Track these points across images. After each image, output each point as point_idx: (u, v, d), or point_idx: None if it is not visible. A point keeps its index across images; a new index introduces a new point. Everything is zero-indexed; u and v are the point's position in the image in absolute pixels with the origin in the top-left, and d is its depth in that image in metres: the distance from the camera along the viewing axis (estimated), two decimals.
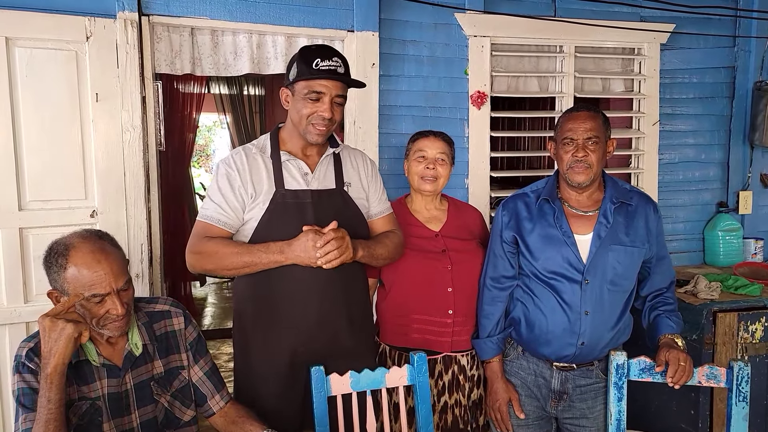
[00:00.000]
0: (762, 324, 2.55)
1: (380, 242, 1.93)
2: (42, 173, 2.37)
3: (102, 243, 1.51)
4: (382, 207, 2.03)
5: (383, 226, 2.01)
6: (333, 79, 1.76)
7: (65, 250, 1.47)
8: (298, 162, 1.86)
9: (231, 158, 1.84)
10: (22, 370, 1.47)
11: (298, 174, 1.86)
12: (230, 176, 1.81)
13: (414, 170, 2.13)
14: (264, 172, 1.83)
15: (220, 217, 1.79)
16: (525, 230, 1.98)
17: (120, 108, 2.42)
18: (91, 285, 1.45)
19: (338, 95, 1.79)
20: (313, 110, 1.77)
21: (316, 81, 1.75)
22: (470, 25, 2.88)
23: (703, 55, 3.22)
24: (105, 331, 1.52)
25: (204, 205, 1.83)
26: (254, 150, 1.87)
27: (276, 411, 1.83)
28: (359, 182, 1.96)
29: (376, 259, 1.92)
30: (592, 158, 1.88)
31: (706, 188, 3.31)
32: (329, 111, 1.77)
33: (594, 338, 1.92)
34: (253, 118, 7.58)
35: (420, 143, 2.14)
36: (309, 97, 1.76)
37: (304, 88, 1.77)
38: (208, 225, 1.79)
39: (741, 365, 1.83)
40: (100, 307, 1.48)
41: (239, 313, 1.93)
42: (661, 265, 2.04)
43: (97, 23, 2.37)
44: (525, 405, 2.03)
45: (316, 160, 1.89)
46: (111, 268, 1.47)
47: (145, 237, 2.50)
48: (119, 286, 1.49)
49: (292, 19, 2.64)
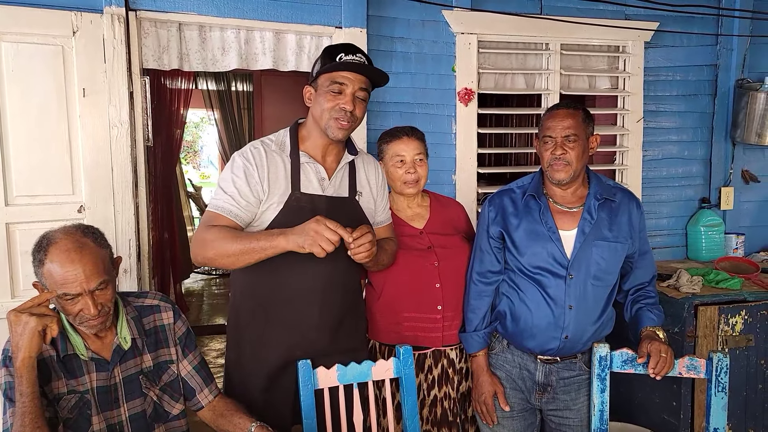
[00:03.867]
0: (742, 317, 2.60)
1: (383, 249, 1.94)
2: (29, 168, 2.37)
3: (83, 241, 1.49)
4: (385, 216, 2.05)
5: (384, 235, 2.03)
6: (355, 71, 1.76)
7: (46, 245, 1.46)
8: (316, 166, 1.84)
9: (249, 152, 1.79)
10: (8, 364, 1.47)
11: (315, 178, 1.84)
12: (247, 170, 1.76)
13: (395, 175, 2.11)
14: (282, 171, 1.80)
15: (232, 208, 1.74)
16: (511, 226, 2.01)
17: (107, 103, 2.42)
18: (63, 284, 1.44)
19: (361, 89, 1.78)
20: (335, 103, 1.76)
21: (339, 73, 1.76)
22: (457, 23, 2.90)
23: (686, 53, 3.27)
24: (83, 328, 1.52)
25: (215, 196, 1.78)
26: (273, 146, 1.84)
27: (267, 407, 1.84)
28: (370, 192, 1.97)
29: (377, 265, 1.95)
30: (570, 155, 1.91)
31: (688, 184, 3.36)
32: (351, 103, 1.76)
33: (578, 332, 1.96)
34: (241, 114, 7.56)
35: (395, 147, 2.11)
36: (331, 90, 1.76)
37: (327, 80, 1.77)
38: (217, 215, 1.74)
39: (720, 356, 1.87)
40: (73, 306, 1.47)
41: (236, 309, 1.92)
42: (644, 260, 2.07)
43: (84, 18, 2.36)
44: (510, 397, 2.06)
45: (334, 167, 1.88)
46: (84, 269, 1.45)
47: (132, 232, 2.50)
48: (91, 287, 1.46)
49: (280, 15, 2.65)
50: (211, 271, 7.17)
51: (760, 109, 3.09)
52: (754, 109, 3.11)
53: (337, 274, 1.83)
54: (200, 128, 14.98)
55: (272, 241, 1.63)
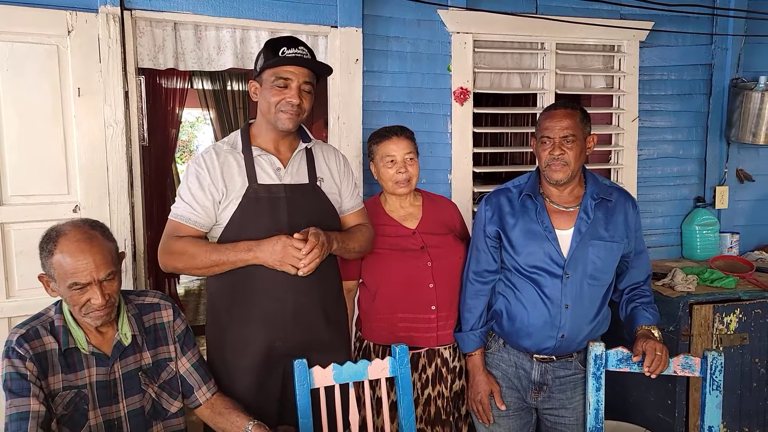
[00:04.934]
0: (736, 316, 2.61)
1: (353, 236, 1.95)
2: (24, 168, 2.36)
3: (92, 233, 1.53)
4: (354, 202, 2.04)
5: (355, 221, 2.03)
6: (299, 65, 1.77)
7: (56, 237, 1.51)
8: (269, 157, 1.86)
9: (201, 157, 1.83)
10: (11, 355, 1.49)
11: (270, 169, 1.85)
12: (200, 175, 1.80)
13: (386, 176, 2.12)
14: (236, 168, 1.83)
15: (190, 215, 1.78)
16: (508, 225, 2.01)
17: (102, 103, 2.41)
18: (73, 273, 1.48)
19: (305, 82, 1.79)
20: (281, 97, 1.77)
21: (282, 68, 1.77)
22: (453, 22, 2.90)
23: (681, 52, 3.27)
24: (87, 320, 1.55)
25: (175, 205, 1.83)
26: (225, 147, 1.86)
27: (253, 405, 1.82)
28: (331, 177, 1.97)
29: (348, 252, 1.93)
30: (568, 156, 1.91)
31: (683, 183, 3.37)
32: (297, 97, 1.77)
33: (574, 331, 1.96)
34: (236, 113, 7.55)
35: (385, 147, 2.12)
36: (276, 84, 1.77)
37: (271, 75, 1.78)
38: (179, 224, 1.79)
39: (714, 355, 1.88)
40: (81, 296, 1.50)
41: (213, 308, 1.92)
42: (639, 260, 2.08)
43: (79, 17, 2.35)
44: (506, 396, 2.07)
45: (288, 156, 1.89)
46: (94, 259, 1.49)
47: (128, 232, 2.49)
48: (101, 277, 1.51)
49: (275, 14, 2.64)
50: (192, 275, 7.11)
51: (755, 108, 3.10)
52: (748, 109, 3.12)
53: None
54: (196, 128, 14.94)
55: (241, 256, 1.74)
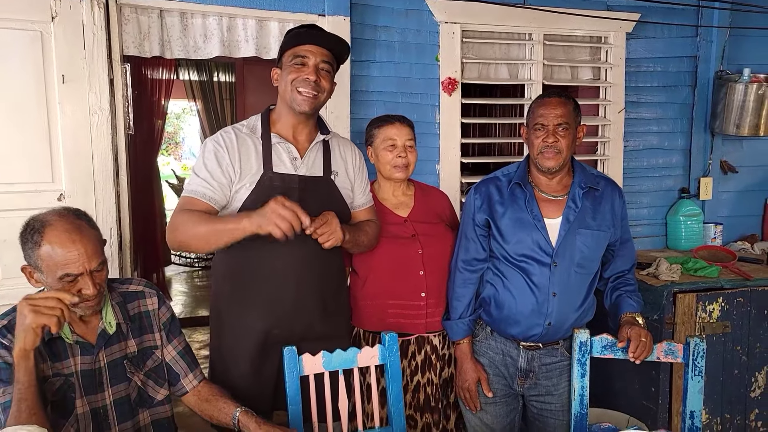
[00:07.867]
0: (719, 304, 2.65)
1: (363, 230, 1.95)
2: (7, 155, 2.32)
3: (79, 222, 1.51)
4: (366, 199, 2.05)
5: (365, 218, 2.04)
6: (316, 43, 1.79)
7: (41, 227, 1.46)
8: (288, 146, 1.86)
9: (220, 136, 1.83)
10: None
11: (287, 158, 1.85)
12: (218, 153, 1.78)
13: (385, 159, 2.13)
14: (253, 152, 1.82)
15: (205, 191, 1.76)
16: (497, 214, 2.02)
17: (87, 90, 2.38)
18: (65, 264, 1.45)
19: (324, 61, 1.81)
20: (298, 74, 1.79)
21: (300, 47, 1.79)
22: (441, 12, 2.90)
23: (666, 44, 3.30)
24: (76, 310, 1.53)
25: (189, 181, 1.80)
26: (245, 130, 1.86)
27: (248, 391, 1.84)
28: (346, 172, 1.98)
29: (358, 246, 1.94)
30: (562, 144, 1.93)
31: (668, 175, 3.40)
32: (314, 74, 1.78)
33: (560, 319, 1.98)
34: (223, 105, 7.50)
35: (387, 131, 2.14)
36: (294, 63, 1.79)
37: (290, 56, 1.81)
38: (192, 198, 1.76)
39: (697, 341, 1.91)
40: (72, 287, 1.48)
41: (216, 292, 1.93)
42: (624, 249, 2.10)
43: (63, 3, 2.32)
44: (493, 383, 2.09)
45: (306, 146, 1.89)
46: (85, 249, 1.47)
47: (114, 221, 2.47)
48: (93, 267, 1.49)
49: (263, 2, 2.62)
50: (193, 263, 7.12)
51: (739, 100, 3.14)
52: (732, 101, 3.16)
53: (312, 253, 1.82)
54: (182, 119, 14.81)
55: (237, 223, 1.63)
